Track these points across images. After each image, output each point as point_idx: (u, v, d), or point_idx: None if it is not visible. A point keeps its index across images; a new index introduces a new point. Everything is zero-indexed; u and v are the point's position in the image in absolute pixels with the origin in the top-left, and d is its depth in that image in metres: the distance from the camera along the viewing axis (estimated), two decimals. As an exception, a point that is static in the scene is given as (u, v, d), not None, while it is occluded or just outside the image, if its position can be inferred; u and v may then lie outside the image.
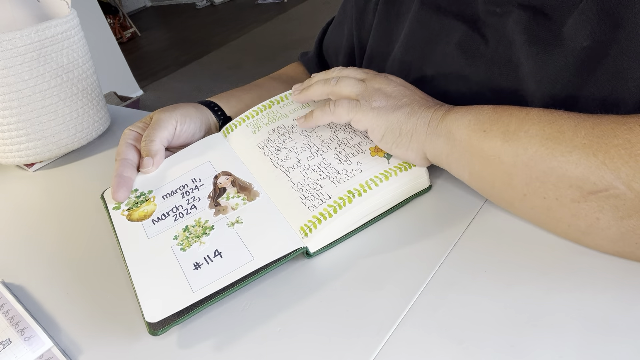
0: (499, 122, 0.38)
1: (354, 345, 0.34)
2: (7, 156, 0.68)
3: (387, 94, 0.44)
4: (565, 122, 0.35)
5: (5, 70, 0.61)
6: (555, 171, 0.34)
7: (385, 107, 0.44)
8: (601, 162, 0.32)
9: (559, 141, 0.34)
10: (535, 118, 0.37)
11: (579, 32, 0.41)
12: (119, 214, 0.49)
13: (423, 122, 0.42)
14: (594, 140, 0.33)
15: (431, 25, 0.52)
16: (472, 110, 0.40)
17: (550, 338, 0.31)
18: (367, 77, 0.46)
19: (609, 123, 0.33)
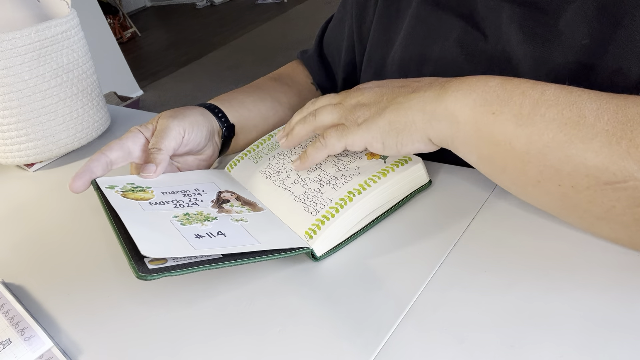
0: (510, 102, 0.35)
1: (354, 345, 0.34)
2: (7, 156, 0.68)
3: (366, 103, 0.42)
4: (586, 104, 0.32)
5: (5, 70, 0.61)
6: (572, 159, 0.32)
7: (371, 116, 0.41)
8: (625, 151, 0.30)
9: (579, 127, 0.32)
10: (553, 99, 0.33)
11: (578, 30, 0.41)
12: (113, 192, 0.46)
13: (417, 110, 0.39)
14: (618, 127, 0.31)
15: (430, 22, 0.51)
16: (477, 87, 0.37)
17: (550, 338, 0.31)
18: (341, 97, 0.45)
19: (635, 106, 0.31)
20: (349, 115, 0.42)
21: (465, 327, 0.33)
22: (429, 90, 0.39)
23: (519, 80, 0.36)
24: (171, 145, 0.50)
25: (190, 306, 0.41)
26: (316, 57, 0.68)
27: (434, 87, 0.39)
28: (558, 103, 0.33)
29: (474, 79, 0.37)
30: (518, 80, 0.36)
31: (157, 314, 0.41)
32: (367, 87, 0.44)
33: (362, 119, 0.41)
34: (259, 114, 0.60)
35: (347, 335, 0.35)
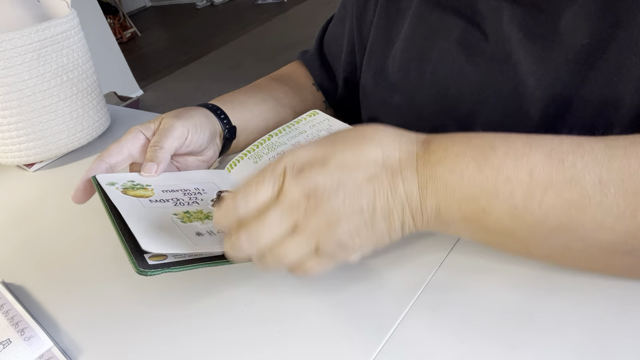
0: (498, 194, 0.30)
1: (354, 345, 0.34)
2: (7, 156, 0.68)
3: (331, 219, 0.32)
4: (586, 177, 0.28)
5: (5, 70, 0.61)
6: (583, 240, 0.29)
7: (349, 236, 0.32)
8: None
9: (585, 208, 0.28)
10: (545, 179, 0.29)
11: (578, 29, 0.41)
12: (113, 188, 0.45)
13: (395, 202, 0.32)
14: (629, 199, 0.27)
15: (431, 21, 0.51)
16: (455, 184, 0.31)
17: (550, 338, 0.31)
18: (294, 218, 0.32)
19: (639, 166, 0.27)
20: (324, 250, 0.33)
21: (465, 327, 0.33)
22: (403, 178, 0.32)
23: (493, 154, 0.30)
24: (173, 145, 0.50)
25: (190, 306, 0.41)
26: (317, 58, 0.68)
27: (406, 173, 0.32)
28: (553, 184, 0.29)
29: (446, 170, 0.31)
30: (493, 154, 0.31)
31: (157, 314, 0.41)
32: (306, 189, 0.32)
33: (343, 250, 0.33)
34: (260, 115, 0.60)
35: (348, 335, 0.35)
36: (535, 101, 0.44)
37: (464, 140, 0.32)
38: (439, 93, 0.50)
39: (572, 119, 0.43)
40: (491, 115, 0.47)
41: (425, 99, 0.52)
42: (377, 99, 0.57)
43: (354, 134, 0.34)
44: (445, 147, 0.32)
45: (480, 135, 0.32)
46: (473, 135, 0.33)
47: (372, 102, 0.58)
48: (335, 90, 0.68)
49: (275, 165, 0.33)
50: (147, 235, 0.37)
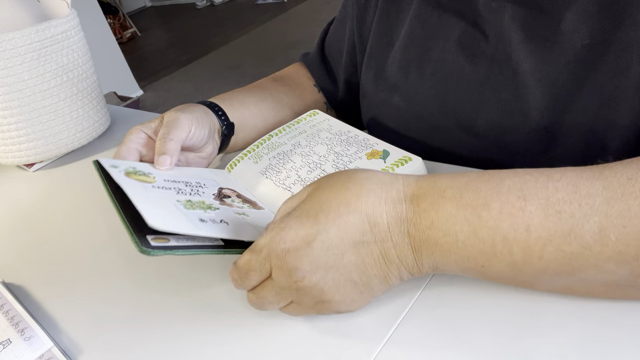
0: (497, 254, 0.30)
1: (355, 345, 0.34)
2: (7, 156, 0.68)
3: (324, 298, 0.33)
4: (585, 227, 0.27)
5: (5, 70, 0.61)
6: (587, 281, 0.30)
7: (347, 304, 0.34)
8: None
9: (586, 258, 0.28)
10: (544, 235, 0.28)
11: (579, 30, 0.41)
12: (117, 171, 0.45)
13: (389, 267, 0.33)
14: (631, 243, 0.27)
15: (431, 22, 0.51)
16: (451, 246, 0.31)
17: (550, 338, 0.31)
18: (291, 297, 0.34)
19: (639, 208, 0.27)
20: (324, 313, 0.35)
21: (465, 327, 0.33)
22: (403, 266, 0.33)
23: (487, 214, 0.30)
24: (182, 136, 0.49)
25: (190, 306, 0.41)
26: (318, 59, 0.68)
27: (405, 259, 0.33)
28: (552, 239, 0.28)
29: (439, 234, 0.31)
30: (487, 214, 0.30)
31: (157, 314, 0.41)
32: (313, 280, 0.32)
33: (347, 309, 0.35)
34: (260, 113, 0.60)
35: (348, 335, 0.35)
36: (535, 101, 0.44)
37: (455, 196, 0.31)
38: (438, 93, 0.50)
39: (572, 120, 0.43)
40: (491, 115, 0.47)
41: (425, 99, 0.52)
42: (377, 99, 0.57)
43: (337, 201, 0.32)
44: (437, 207, 0.31)
45: (471, 187, 0.31)
46: (464, 185, 0.31)
47: (372, 103, 0.58)
48: (337, 92, 0.68)
49: (260, 250, 0.33)
50: (152, 213, 0.37)
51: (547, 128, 0.44)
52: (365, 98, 0.59)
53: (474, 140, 0.49)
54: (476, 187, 0.30)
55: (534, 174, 0.30)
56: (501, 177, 0.30)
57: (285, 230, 0.32)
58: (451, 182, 0.32)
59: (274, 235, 0.32)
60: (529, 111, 0.45)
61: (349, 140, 0.50)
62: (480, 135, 0.48)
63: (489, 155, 0.49)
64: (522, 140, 0.46)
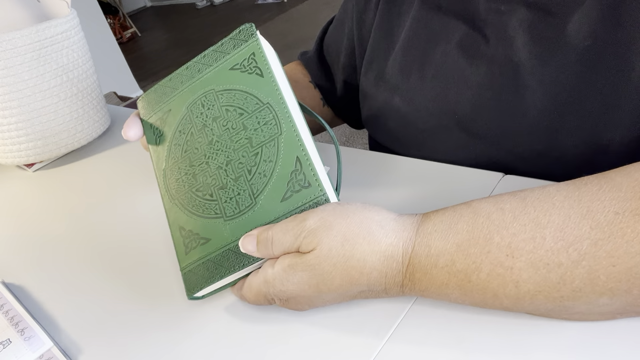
0: (487, 305, 0.32)
1: (354, 345, 0.34)
2: (7, 156, 0.68)
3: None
4: (575, 272, 0.28)
5: (5, 70, 0.61)
6: (582, 313, 0.30)
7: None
8: (637, 297, 0.28)
9: (577, 298, 0.29)
10: (533, 288, 0.29)
11: (581, 31, 0.41)
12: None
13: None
14: (621, 279, 0.27)
15: (432, 25, 0.51)
16: (443, 300, 0.34)
17: (550, 338, 0.31)
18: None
19: (626, 245, 0.27)
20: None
21: (465, 327, 0.33)
22: (391, 286, 0.34)
23: (477, 277, 0.31)
24: None
25: (190, 306, 0.41)
26: (316, 59, 0.68)
27: (395, 280, 0.34)
28: (541, 290, 0.29)
29: (432, 295, 0.33)
30: (476, 277, 0.31)
31: (157, 314, 0.41)
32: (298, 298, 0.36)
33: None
34: None
35: (347, 336, 0.35)
36: (536, 103, 0.44)
37: (447, 264, 0.31)
38: (439, 95, 0.50)
39: (573, 121, 0.43)
40: (491, 116, 0.47)
41: (425, 100, 0.52)
42: (378, 101, 0.57)
43: (339, 272, 0.33)
44: (430, 277, 0.32)
45: (462, 250, 0.31)
46: (455, 249, 0.31)
47: (372, 104, 0.58)
48: (334, 92, 0.68)
49: (264, 298, 0.36)
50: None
51: (548, 129, 0.44)
52: (365, 99, 0.59)
53: (474, 141, 0.49)
54: (466, 251, 0.31)
55: (522, 220, 0.30)
56: (490, 232, 0.31)
57: (285, 285, 0.35)
58: (444, 245, 0.32)
59: (276, 285, 0.35)
60: (530, 112, 0.45)
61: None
62: (480, 136, 0.48)
63: (489, 156, 0.49)
64: (523, 141, 0.46)
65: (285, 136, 0.37)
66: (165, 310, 0.41)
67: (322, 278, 0.34)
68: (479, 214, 0.32)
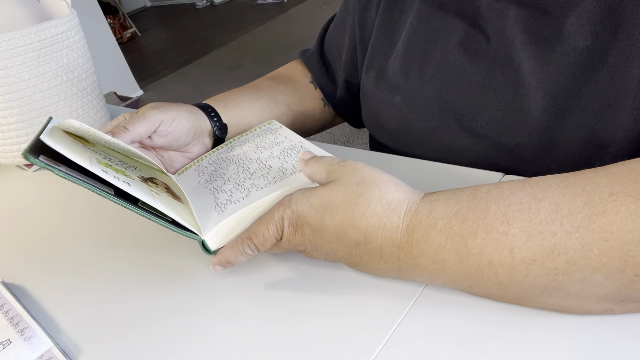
0: (483, 276, 0.32)
1: (354, 345, 0.34)
2: (7, 156, 0.68)
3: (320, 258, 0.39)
4: (568, 244, 0.28)
5: (5, 70, 0.61)
6: (577, 296, 0.30)
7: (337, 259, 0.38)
8: (632, 275, 0.27)
9: (571, 272, 0.29)
10: (527, 256, 0.30)
11: (581, 31, 0.41)
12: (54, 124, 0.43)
13: (384, 273, 0.37)
14: (614, 256, 0.27)
15: (432, 23, 0.51)
16: (439, 272, 0.33)
17: (550, 338, 0.31)
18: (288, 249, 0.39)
19: (621, 222, 0.27)
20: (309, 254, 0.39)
21: (465, 327, 0.33)
22: (387, 273, 0.37)
23: (473, 241, 0.31)
24: (138, 130, 0.49)
25: (190, 306, 0.41)
26: (317, 57, 0.68)
27: (391, 272, 0.36)
28: (535, 258, 0.29)
29: (428, 262, 0.33)
30: (473, 242, 0.31)
31: (157, 314, 0.41)
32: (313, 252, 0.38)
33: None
34: (254, 112, 0.60)
35: (347, 335, 0.35)
36: (536, 103, 0.44)
37: (445, 227, 0.32)
38: (439, 94, 0.50)
39: (573, 121, 0.43)
40: (492, 116, 0.47)
41: (426, 99, 0.52)
42: (378, 99, 0.57)
43: (344, 209, 0.35)
44: (427, 239, 0.33)
45: (460, 216, 0.32)
46: (454, 214, 0.33)
47: (372, 103, 0.58)
48: (335, 90, 0.68)
49: (278, 219, 0.38)
50: (56, 138, 0.37)
51: (548, 129, 0.44)
52: (366, 98, 0.59)
53: (475, 141, 0.49)
54: (464, 216, 0.32)
55: (518, 195, 0.31)
56: (487, 202, 0.32)
57: (299, 213, 0.37)
58: (444, 210, 0.33)
59: (291, 213, 0.37)
60: (530, 112, 0.45)
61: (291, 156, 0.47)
62: (481, 135, 0.48)
63: (489, 156, 0.49)
64: (523, 141, 0.46)
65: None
66: (165, 309, 0.41)
67: (329, 207, 0.36)
68: (479, 190, 0.33)
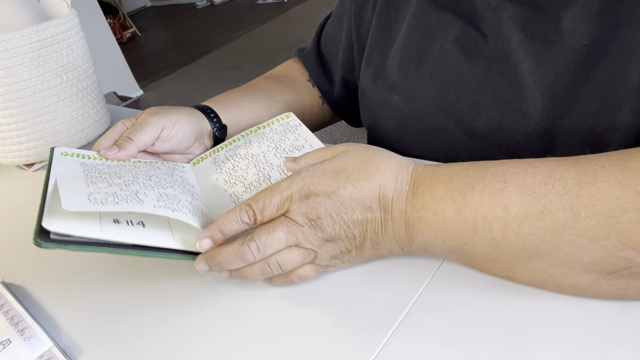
0: (478, 231, 0.33)
1: (354, 345, 0.34)
2: (7, 156, 0.68)
3: (328, 239, 0.37)
4: (557, 205, 0.30)
5: (5, 70, 0.61)
6: (564, 262, 0.31)
7: (342, 253, 0.38)
8: (616, 243, 0.29)
9: (559, 233, 0.30)
10: (520, 213, 0.31)
11: (579, 29, 0.41)
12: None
13: (384, 236, 0.37)
14: (600, 221, 0.29)
15: (429, 21, 0.51)
16: (439, 225, 0.35)
17: (550, 338, 0.31)
18: (297, 236, 0.37)
19: (608, 189, 0.29)
20: (318, 258, 0.38)
21: (465, 327, 0.33)
22: (395, 239, 0.37)
23: (471, 195, 0.34)
24: (143, 139, 0.50)
25: (190, 306, 0.41)
26: (314, 55, 0.68)
27: (398, 233, 0.37)
28: (527, 216, 0.31)
29: (430, 213, 0.35)
30: (471, 195, 0.34)
31: (157, 314, 0.41)
32: (322, 220, 0.37)
33: (332, 259, 0.39)
34: (253, 112, 0.60)
35: (347, 335, 0.35)
36: (535, 102, 0.44)
37: (446, 181, 0.35)
38: (437, 93, 0.50)
39: (572, 121, 0.43)
40: (490, 115, 0.47)
41: (424, 99, 0.52)
42: (377, 99, 0.57)
43: (358, 168, 0.37)
44: (430, 190, 0.36)
45: (461, 173, 0.35)
46: (456, 172, 0.36)
47: (371, 102, 0.58)
48: (332, 89, 0.68)
49: (285, 188, 0.37)
50: (57, 208, 0.37)
51: (547, 128, 0.44)
52: (364, 97, 0.59)
53: (474, 140, 0.49)
54: (465, 173, 0.35)
55: (517, 162, 0.34)
56: (487, 165, 0.35)
57: (309, 178, 0.37)
58: (447, 169, 0.36)
59: (299, 181, 0.37)
60: (529, 111, 0.45)
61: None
62: (480, 135, 0.48)
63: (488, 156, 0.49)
64: (522, 141, 0.46)
65: None
66: (166, 310, 0.41)
67: (342, 169, 0.37)
68: (479, 162, 0.36)
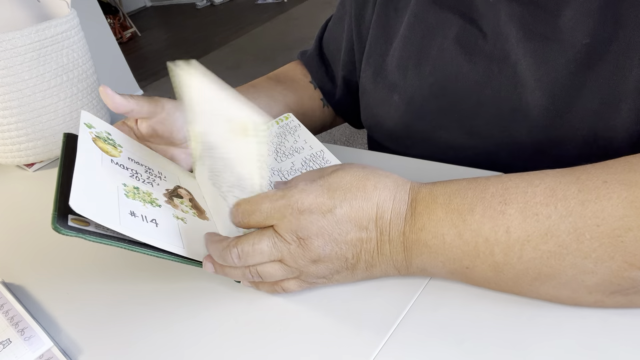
0: (480, 255, 0.32)
1: (354, 345, 0.34)
2: (7, 156, 0.68)
3: (316, 260, 0.35)
4: (561, 227, 0.29)
5: (5, 70, 0.61)
6: (569, 285, 0.30)
7: (330, 273, 0.37)
8: (622, 263, 0.28)
9: (563, 256, 0.29)
10: (522, 235, 0.30)
11: (579, 28, 0.41)
12: (87, 132, 0.45)
13: (380, 259, 0.36)
14: (604, 242, 0.28)
15: (428, 20, 0.51)
16: (438, 248, 0.33)
17: (549, 338, 0.31)
18: (283, 253, 0.35)
19: (612, 208, 0.28)
20: (305, 277, 0.37)
21: (465, 327, 0.33)
22: (392, 261, 0.36)
23: (471, 218, 0.32)
24: (143, 104, 0.49)
25: (191, 306, 0.41)
26: (316, 57, 0.68)
27: (395, 255, 0.35)
28: (530, 239, 0.30)
29: (429, 236, 0.33)
30: (471, 218, 0.32)
31: (158, 314, 0.41)
32: (317, 253, 0.35)
33: (319, 277, 0.37)
34: None
35: (347, 335, 0.35)
36: (535, 101, 0.44)
37: (445, 202, 0.34)
38: (437, 93, 0.50)
39: (572, 121, 0.43)
40: (490, 114, 0.47)
41: (424, 98, 0.51)
42: (377, 98, 0.57)
43: (356, 186, 0.35)
44: (429, 211, 0.34)
45: (460, 193, 0.34)
46: (454, 191, 0.34)
47: (371, 102, 0.58)
48: (334, 90, 0.68)
49: (276, 200, 0.35)
50: (83, 192, 0.37)
51: (547, 128, 0.44)
52: (364, 96, 0.59)
53: (473, 140, 0.49)
54: (464, 194, 0.33)
55: (516, 181, 0.32)
56: (487, 185, 0.33)
57: (306, 193, 0.35)
58: (444, 189, 0.35)
59: (295, 194, 0.35)
60: (529, 111, 0.45)
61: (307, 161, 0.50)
62: (480, 135, 0.48)
63: (488, 155, 0.49)
64: (522, 140, 0.46)
65: None
66: (166, 309, 0.41)
67: (339, 186, 0.35)
68: (477, 179, 0.35)
